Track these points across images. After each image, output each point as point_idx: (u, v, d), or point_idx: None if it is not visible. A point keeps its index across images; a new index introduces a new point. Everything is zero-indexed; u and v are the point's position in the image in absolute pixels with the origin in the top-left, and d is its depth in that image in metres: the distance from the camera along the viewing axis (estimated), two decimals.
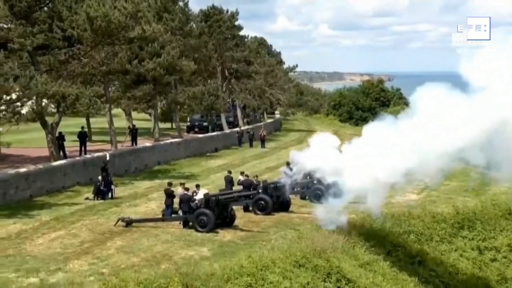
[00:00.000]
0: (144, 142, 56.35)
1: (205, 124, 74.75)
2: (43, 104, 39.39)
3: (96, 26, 40.36)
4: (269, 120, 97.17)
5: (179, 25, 62.24)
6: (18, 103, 35.92)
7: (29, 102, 38.15)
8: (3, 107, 33.95)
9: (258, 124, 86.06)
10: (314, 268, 24.12)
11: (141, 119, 74.91)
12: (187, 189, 31.04)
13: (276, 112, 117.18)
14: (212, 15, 75.83)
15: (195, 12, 73.05)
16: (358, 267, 25.92)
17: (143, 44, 48.87)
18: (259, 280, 22.01)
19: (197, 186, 32.11)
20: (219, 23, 75.89)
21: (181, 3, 65.73)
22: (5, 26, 39.09)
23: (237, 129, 75.02)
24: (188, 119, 75.93)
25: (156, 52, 51.42)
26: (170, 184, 32.30)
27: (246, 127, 78.08)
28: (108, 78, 47.92)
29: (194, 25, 70.83)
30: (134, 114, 72.61)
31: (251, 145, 69.53)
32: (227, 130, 74.14)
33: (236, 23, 79.85)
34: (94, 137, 58.76)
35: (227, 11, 78.31)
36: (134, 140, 56.00)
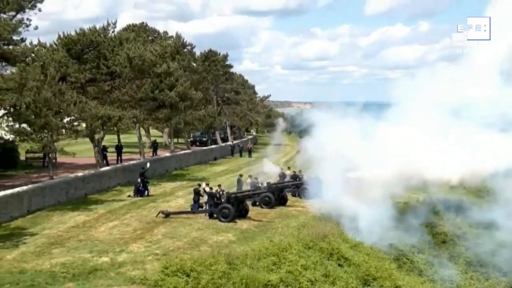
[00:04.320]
0: (161, 153, 55.84)
1: (204, 139, 74.36)
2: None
3: (134, 64, 40.17)
4: (250, 136, 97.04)
5: (187, 63, 62.10)
6: (76, 123, 35.39)
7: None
8: (67, 126, 33.35)
9: (245, 139, 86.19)
10: (320, 249, 24.12)
11: (154, 136, 74.12)
12: (211, 188, 30.82)
13: (252, 130, 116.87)
14: (209, 57, 75.70)
15: (197, 54, 72.74)
16: (349, 248, 25.83)
17: (162, 77, 48.48)
18: (282, 259, 22.00)
19: (219, 186, 31.83)
20: (215, 63, 75.76)
21: (188, 47, 65.61)
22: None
23: (230, 142, 74.92)
24: (191, 135, 75.22)
25: (172, 84, 51.04)
26: (199, 185, 31.87)
27: (236, 141, 77.83)
28: (139, 104, 47.35)
29: (195, 64, 70.44)
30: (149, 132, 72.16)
31: (241, 155, 69.23)
32: (221, 144, 73.74)
33: (227, 63, 79.79)
34: (123, 150, 57.92)
35: (220, 54, 78.17)
36: (154, 151, 55.69)
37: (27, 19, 29.55)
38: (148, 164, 39.36)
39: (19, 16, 29.47)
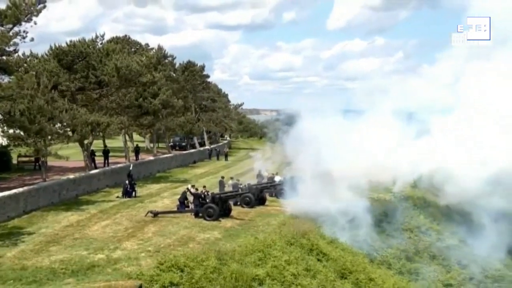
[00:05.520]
0: (144, 157, 55.34)
1: (183, 144, 73.88)
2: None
3: (121, 74, 39.81)
4: (225, 141, 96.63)
5: (168, 73, 61.76)
6: (68, 129, 34.91)
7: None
8: (60, 131, 32.89)
9: (220, 143, 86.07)
10: (301, 245, 24.12)
11: (136, 140, 73.41)
12: (196, 189, 30.68)
13: (226, 135, 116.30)
14: (188, 67, 75.30)
15: (177, 64, 72.32)
16: (326, 244, 25.87)
17: (147, 86, 48.12)
18: (267, 255, 21.97)
19: (204, 187, 31.74)
20: (193, 73, 75.47)
21: (169, 58, 65.16)
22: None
23: (207, 147, 74.64)
24: (171, 140, 74.61)
25: (155, 92, 50.79)
26: (187, 189, 31.59)
27: (213, 146, 77.57)
28: (125, 111, 46.89)
29: (174, 74, 70.07)
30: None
31: (217, 159, 69.10)
32: (200, 148, 73.43)
33: (204, 73, 79.51)
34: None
35: (197, 65, 77.86)
36: (137, 155, 55.06)
37: (24, 31, 29.09)
38: (131, 166, 39.01)
39: (15, 29, 28.99)
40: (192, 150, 69.49)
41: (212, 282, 18.83)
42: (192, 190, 30.41)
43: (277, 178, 38.05)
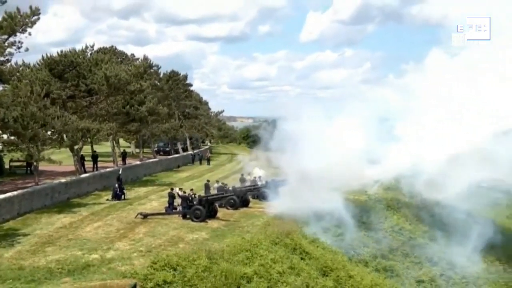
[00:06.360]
0: (130, 162, 54.89)
1: (167, 149, 73.43)
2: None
3: (111, 82, 39.49)
4: (206, 147, 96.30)
5: (153, 82, 61.50)
6: (57, 135, 34.55)
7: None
8: (53, 137, 32.56)
9: (202, 148, 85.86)
10: (285, 245, 24.17)
11: (123, 146, 72.84)
12: (184, 192, 30.56)
13: (207, 141, 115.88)
14: (172, 76, 75.04)
15: (161, 74, 72.05)
16: (308, 243, 25.94)
17: (134, 94, 47.81)
18: (254, 254, 21.93)
19: (191, 190, 31.61)
20: (177, 82, 75.23)
21: (155, 68, 64.92)
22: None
23: (190, 152, 74.34)
24: (156, 145, 74.05)
25: (141, 100, 50.51)
26: (172, 189, 31.55)
27: (196, 151, 77.31)
28: (114, 118, 46.49)
29: (159, 83, 69.79)
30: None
31: (200, 163, 68.79)
32: (183, 153, 73.08)
33: (187, 82, 79.33)
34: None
35: (180, 74, 77.66)
36: (124, 160, 54.58)
37: (19, 41, 28.81)
38: (121, 170, 38.76)
39: (11, 39, 28.68)
40: (176, 155, 69.18)
41: (203, 280, 18.80)
42: (180, 193, 30.31)
43: (258, 173, 38.25)
